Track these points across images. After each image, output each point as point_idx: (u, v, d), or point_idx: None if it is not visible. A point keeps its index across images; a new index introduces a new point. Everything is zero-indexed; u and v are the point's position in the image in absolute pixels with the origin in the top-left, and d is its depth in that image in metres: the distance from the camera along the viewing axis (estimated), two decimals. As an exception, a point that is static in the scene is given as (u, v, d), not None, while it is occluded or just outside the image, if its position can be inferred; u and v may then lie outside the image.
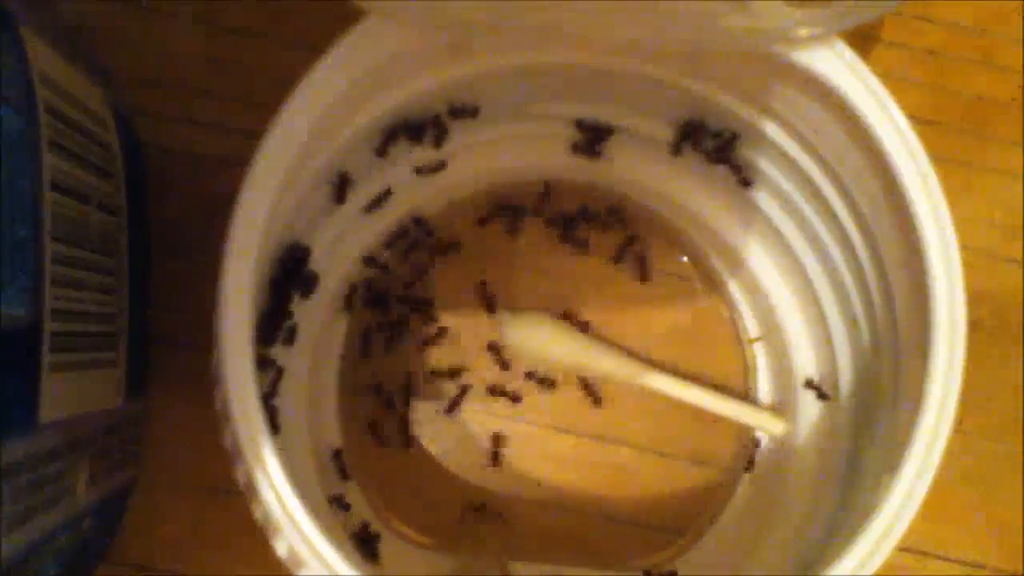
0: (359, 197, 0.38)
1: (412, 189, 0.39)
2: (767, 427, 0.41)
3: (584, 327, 0.42)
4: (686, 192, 0.40)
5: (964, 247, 0.31)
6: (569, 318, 0.41)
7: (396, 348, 0.41)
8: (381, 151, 0.37)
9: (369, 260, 0.40)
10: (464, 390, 0.41)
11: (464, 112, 0.37)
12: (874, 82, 0.32)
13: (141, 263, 0.38)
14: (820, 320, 0.39)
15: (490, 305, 0.41)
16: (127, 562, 0.39)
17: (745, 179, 0.39)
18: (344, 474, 0.39)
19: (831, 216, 0.37)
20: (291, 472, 0.29)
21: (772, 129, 0.36)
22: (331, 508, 0.37)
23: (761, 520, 0.39)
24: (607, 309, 0.42)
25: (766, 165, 0.38)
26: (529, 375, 0.41)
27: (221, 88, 0.41)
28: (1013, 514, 0.42)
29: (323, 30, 0.31)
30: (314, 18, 0.41)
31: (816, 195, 0.37)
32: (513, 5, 0.31)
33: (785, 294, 0.40)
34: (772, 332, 0.41)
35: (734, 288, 0.42)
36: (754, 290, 0.41)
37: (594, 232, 0.42)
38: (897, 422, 0.33)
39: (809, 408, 0.40)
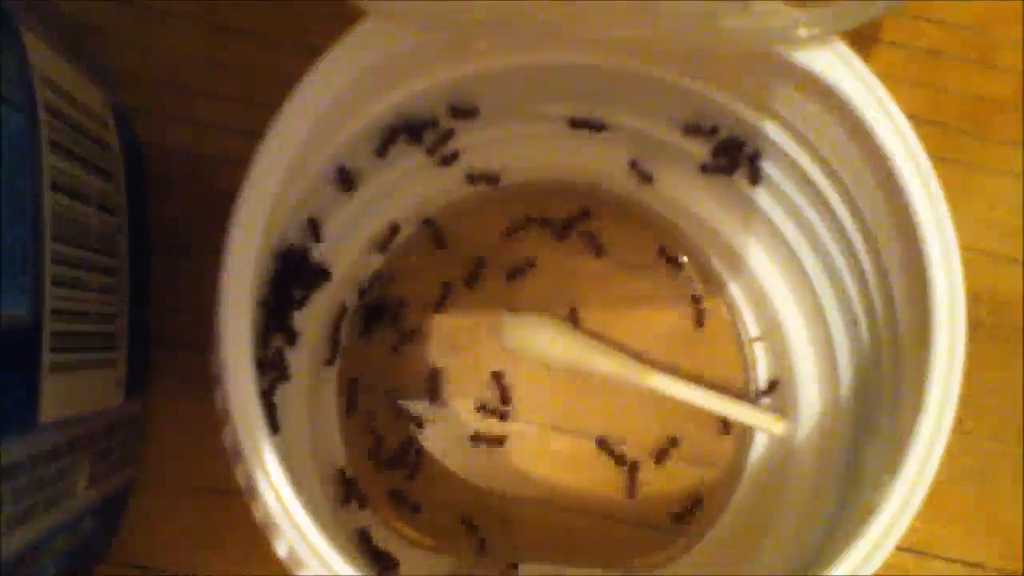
0: (367, 189, 0.38)
1: (412, 188, 0.39)
2: (767, 427, 0.41)
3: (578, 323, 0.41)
4: (687, 192, 0.40)
5: (964, 247, 0.31)
6: (573, 319, 0.41)
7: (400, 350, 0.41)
8: (381, 151, 0.37)
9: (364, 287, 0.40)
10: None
11: (464, 111, 0.37)
12: (874, 82, 0.32)
13: (141, 263, 0.38)
14: (820, 320, 0.39)
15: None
16: (127, 562, 0.39)
17: (753, 177, 0.38)
18: (350, 492, 0.39)
19: (831, 216, 0.37)
20: (291, 472, 0.29)
21: (772, 129, 0.36)
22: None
23: (761, 520, 0.39)
24: (607, 309, 0.42)
25: (766, 165, 0.38)
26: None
27: (221, 88, 0.41)
28: (1013, 514, 0.42)
29: (323, 30, 0.31)
30: (314, 18, 0.41)
31: (816, 195, 0.37)
32: (513, 5, 0.31)
33: (785, 294, 0.40)
34: (772, 332, 0.41)
35: (734, 288, 0.42)
36: (754, 290, 0.41)
37: (595, 232, 0.42)
38: (897, 422, 0.32)
39: (809, 408, 0.39)
